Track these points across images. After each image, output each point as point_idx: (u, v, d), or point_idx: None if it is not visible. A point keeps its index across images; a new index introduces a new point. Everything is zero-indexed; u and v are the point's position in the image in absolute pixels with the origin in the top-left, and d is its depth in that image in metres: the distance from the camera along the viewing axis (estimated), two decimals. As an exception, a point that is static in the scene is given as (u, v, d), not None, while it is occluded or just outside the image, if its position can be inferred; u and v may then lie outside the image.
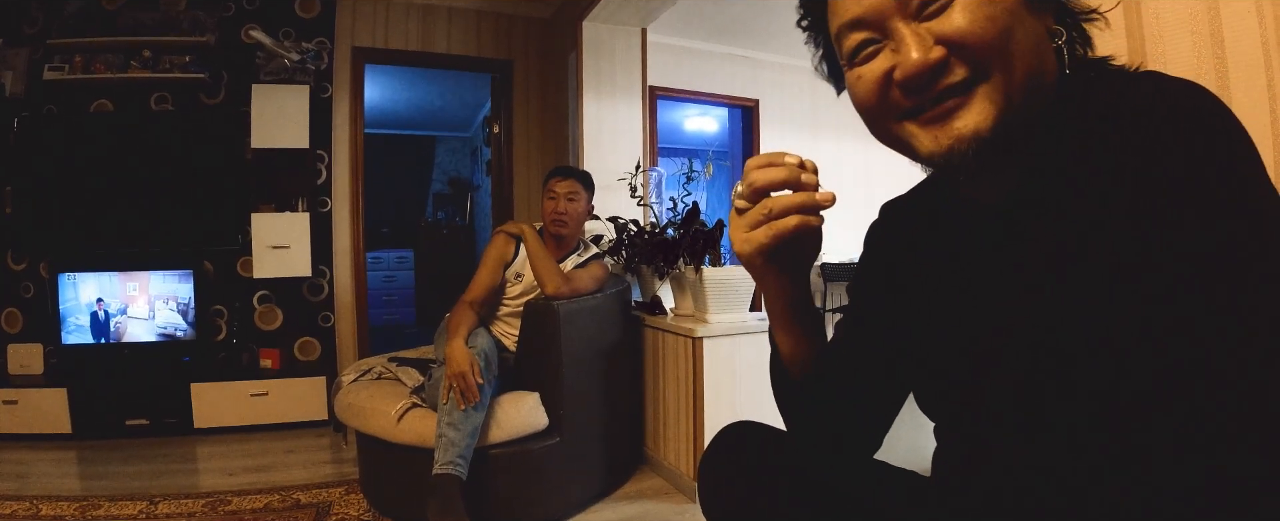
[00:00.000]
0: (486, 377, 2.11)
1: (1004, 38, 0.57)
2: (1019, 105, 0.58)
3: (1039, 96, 0.59)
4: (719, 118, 6.35)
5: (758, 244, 0.67)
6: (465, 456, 2.02)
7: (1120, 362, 0.53)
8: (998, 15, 0.57)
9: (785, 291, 0.77)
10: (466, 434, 2.04)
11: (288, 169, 3.69)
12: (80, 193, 3.50)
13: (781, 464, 0.85)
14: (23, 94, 3.47)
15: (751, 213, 0.67)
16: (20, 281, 3.53)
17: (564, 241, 2.60)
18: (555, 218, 2.54)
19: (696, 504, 2.36)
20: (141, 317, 3.55)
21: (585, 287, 2.48)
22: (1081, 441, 0.58)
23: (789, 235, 0.65)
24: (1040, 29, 0.61)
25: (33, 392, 3.27)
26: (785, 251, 0.68)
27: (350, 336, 3.94)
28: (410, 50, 4.10)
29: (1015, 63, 0.57)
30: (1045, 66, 0.60)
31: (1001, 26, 0.57)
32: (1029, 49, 0.58)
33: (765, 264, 0.70)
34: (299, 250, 3.62)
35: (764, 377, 2.48)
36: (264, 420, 3.45)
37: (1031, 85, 0.58)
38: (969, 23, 0.57)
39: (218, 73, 3.68)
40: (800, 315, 0.80)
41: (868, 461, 0.87)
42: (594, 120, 3.45)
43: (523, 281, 2.53)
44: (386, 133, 7.10)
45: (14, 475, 2.82)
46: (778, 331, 0.83)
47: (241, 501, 2.46)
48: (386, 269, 6.82)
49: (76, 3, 3.53)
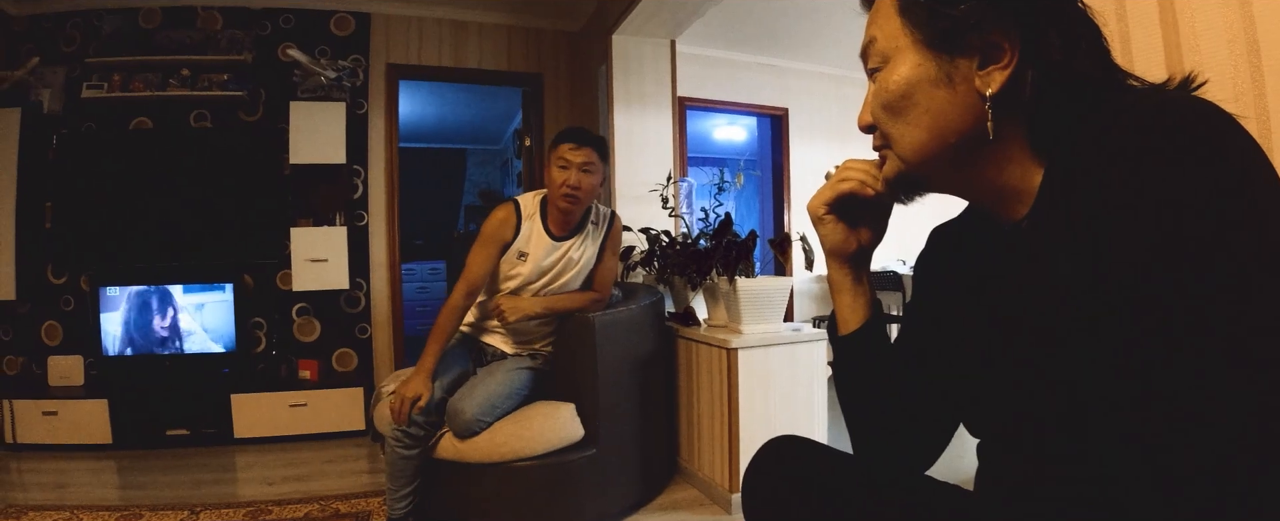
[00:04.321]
0: (418, 422, 2.10)
1: (897, 120, 0.71)
2: (920, 163, 0.71)
3: (960, 147, 0.68)
4: (747, 127, 6.35)
5: (823, 198, 0.86)
6: (401, 500, 2.12)
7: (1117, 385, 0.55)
8: (892, 102, 0.70)
9: (839, 237, 0.88)
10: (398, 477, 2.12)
11: (325, 184, 3.78)
12: (121, 208, 3.59)
13: (827, 477, 0.87)
14: (61, 111, 3.58)
15: (832, 177, 0.86)
16: (61, 295, 3.64)
17: (570, 216, 2.29)
18: (567, 191, 2.20)
19: (731, 515, 2.36)
20: (182, 330, 3.62)
21: (613, 277, 2.46)
22: (1113, 461, 0.59)
23: (843, 193, 0.83)
24: (956, 95, 0.67)
25: (73, 404, 3.35)
26: (845, 210, 0.86)
27: (387, 347, 4.00)
28: (443, 66, 4.17)
29: (913, 134, 0.70)
30: (962, 125, 0.67)
31: (895, 111, 0.70)
32: (931, 119, 0.68)
33: (826, 212, 0.86)
34: (336, 263, 3.69)
35: (797, 388, 2.48)
36: (303, 430, 3.51)
37: (936, 146, 0.69)
38: (871, 111, 0.74)
39: (256, 90, 3.77)
40: (856, 266, 0.90)
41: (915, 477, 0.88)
42: (624, 132, 3.47)
43: (526, 263, 2.28)
44: (419, 146, 7.22)
45: (54, 484, 2.88)
46: (833, 292, 0.92)
47: (282, 511, 2.49)
48: (420, 280, 6.92)
49: (113, 23, 3.64)
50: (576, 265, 2.36)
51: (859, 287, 0.90)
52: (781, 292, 2.48)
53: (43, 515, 2.46)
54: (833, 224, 0.87)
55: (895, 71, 0.69)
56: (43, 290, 3.62)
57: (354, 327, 3.92)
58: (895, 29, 0.69)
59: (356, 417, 3.58)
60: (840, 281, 0.90)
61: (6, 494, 2.74)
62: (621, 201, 3.41)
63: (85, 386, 3.54)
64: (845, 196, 0.84)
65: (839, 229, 0.87)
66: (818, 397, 2.54)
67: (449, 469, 2.17)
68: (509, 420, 2.16)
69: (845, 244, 0.87)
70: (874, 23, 0.73)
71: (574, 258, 2.35)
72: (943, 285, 0.84)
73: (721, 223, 2.61)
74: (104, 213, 3.59)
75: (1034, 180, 0.66)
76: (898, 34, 0.69)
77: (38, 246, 3.57)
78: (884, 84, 0.70)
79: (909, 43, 0.68)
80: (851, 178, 0.83)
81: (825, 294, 5.20)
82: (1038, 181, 0.66)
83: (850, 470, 0.88)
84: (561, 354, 2.36)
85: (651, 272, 3.04)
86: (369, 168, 3.95)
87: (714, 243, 2.58)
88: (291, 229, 3.67)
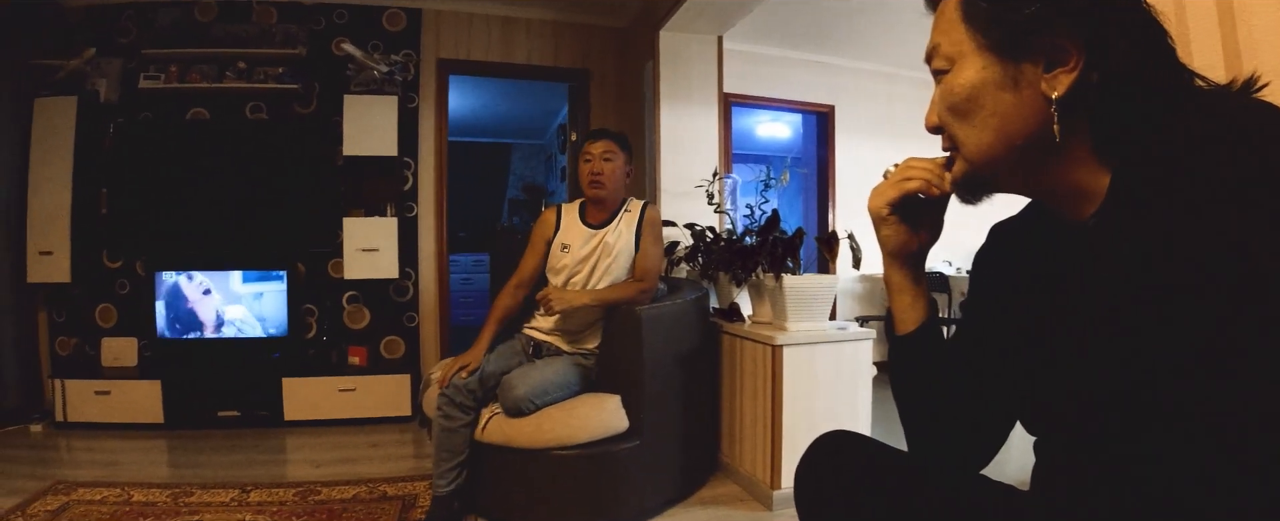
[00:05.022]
0: (463, 391, 2.21)
1: (963, 123, 0.71)
2: (986, 165, 0.71)
3: (1026, 150, 0.68)
4: (791, 124, 6.30)
5: (886, 198, 0.84)
6: (446, 475, 2.19)
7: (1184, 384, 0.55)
8: (958, 105, 0.70)
9: (900, 238, 0.87)
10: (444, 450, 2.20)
11: (377, 175, 3.87)
12: (177, 195, 3.71)
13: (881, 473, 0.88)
14: (117, 101, 3.70)
15: (893, 176, 0.85)
16: (116, 279, 3.77)
17: (604, 204, 2.52)
18: (592, 179, 2.47)
19: (772, 512, 2.36)
20: (235, 315, 3.74)
21: (656, 265, 2.51)
22: (1171, 460, 0.59)
23: (909, 192, 0.82)
24: (1022, 99, 0.67)
25: (126, 384, 3.47)
26: (907, 209, 0.85)
27: (433, 336, 4.09)
28: (491, 61, 4.24)
29: (980, 137, 0.70)
30: (1028, 128, 0.67)
31: (961, 114, 0.71)
32: (999, 121, 0.68)
33: (890, 213, 0.85)
34: (387, 253, 3.78)
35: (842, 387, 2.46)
36: (351, 415, 3.60)
37: (1002, 148, 0.69)
38: (938, 113, 0.74)
39: (310, 83, 3.87)
40: (914, 267, 0.90)
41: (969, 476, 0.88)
42: (671, 128, 3.48)
43: (569, 253, 2.48)
44: (465, 140, 7.32)
45: (105, 462, 2.98)
46: (891, 293, 0.91)
47: (330, 491, 2.56)
48: (464, 272, 7.02)
49: (169, 15, 3.75)
50: (613, 252, 2.46)
51: (918, 288, 0.89)
52: (827, 290, 2.47)
53: (94, 491, 2.53)
54: (895, 224, 0.86)
55: (961, 75, 0.70)
56: (97, 274, 3.75)
57: (402, 316, 4.01)
58: (960, 35, 0.70)
59: (403, 404, 3.66)
60: (899, 282, 0.89)
61: (58, 471, 2.83)
62: (666, 197, 3.43)
63: (138, 367, 3.67)
64: (909, 196, 0.83)
65: (901, 229, 0.86)
66: (862, 397, 2.53)
67: (495, 454, 2.22)
68: (556, 408, 2.21)
69: (907, 244, 0.87)
70: (938, 28, 0.73)
71: (610, 243, 2.46)
72: (1003, 282, 0.83)
73: (768, 219, 2.61)
74: (160, 200, 3.69)
75: (1100, 180, 0.66)
76: (962, 39, 0.70)
77: (93, 232, 3.68)
78: (950, 87, 0.71)
79: (973, 47, 0.69)
80: (916, 176, 0.82)
81: (868, 293, 5.15)
82: (1104, 181, 0.66)
83: (904, 466, 0.88)
84: (608, 346, 2.38)
85: (695, 268, 3.05)
86: (419, 160, 4.04)
87: (760, 239, 2.58)
88: (344, 219, 3.77)
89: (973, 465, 0.89)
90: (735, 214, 3.01)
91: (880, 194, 0.85)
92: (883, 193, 0.85)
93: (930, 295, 0.91)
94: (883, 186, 0.85)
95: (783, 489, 2.38)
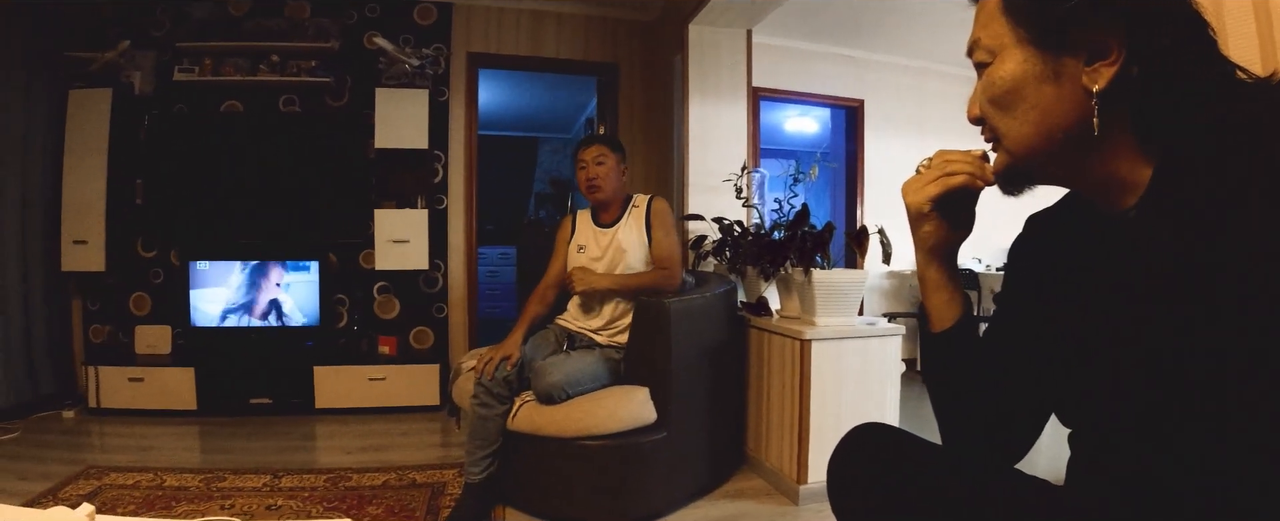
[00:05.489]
0: (501, 381, 2.26)
1: (1004, 115, 0.71)
2: (1027, 157, 0.72)
3: (1067, 142, 0.69)
4: (819, 118, 6.26)
5: (928, 194, 0.82)
6: (478, 463, 2.21)
7: (1226, 375, 0.55)
8: (999, 97, 0.71)
9: (941, 234, 0.86)
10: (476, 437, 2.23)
11: (408, 168, 3.91)
12: (211, 186, 3.77)
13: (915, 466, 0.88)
14: (152, 93, 3.77)
15: (931, 170, 0.82)
16: (150, 268, 3.85)
17: (608, 206, 2.62)
18: (589, 184, 2.56)
19: (798, 506, 2.36)
20: (268, 304, 3.80)
21: (674, 253, 2.54)
22: (1212, 453, 0.59)
23: (955, 188, 0.80)
24: (1063, 92, 0.67)
25: (160, 371, 3.54)
26: (947, 205, 0.83)
27: (462, 327, 4.14)
28: (521, 55, 4.26)
29: (1021, 129, 0.70)
30: (1068, 120, 0.67)
31: (1003, 106, 0.71)
32: (1039, 114, 0.69)
33: (931, 210, 0.83)
34: (417, 244, 3.82)
35: (871, 383, 2.45)
36: (380, 403, 3.66)
37: (1043, 140, 0.69)
38: (979, 105, 0.74)
39: (342, 77, 3.93)
40: (950, 264, 0.89)
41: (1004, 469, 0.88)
42: (699, 122, 3.48)
43: (585, 254, 2.58)
44: (493, 134, 7.37)
45: (138, 447, 3.03)
46: (928, 290, 0.89)
47: (361, 478, 2.61)
48: (490, 264, 7.08)
49: (203, 9, 3.80)
50: (627, 250, 2.53)
51: (953, 284, 0.89)
52: (857, 286, 2.46)
53: (126, 476, 2.58)
54: (936, 220, 0.84)
55: (1002, 68, 0.70)
56: (132, 263, 3.83)
57: (431, 307, 4.06)
58: (1000, 28, 0.70)
59: (432, 393, 3.71)
60: (936, 279, 0.88)
61: (90, 456, 2.88)
62: (694, 191, 3.43)
63: (172, 355, 3.75)
64: (954, 191, 0.81)
65: (942, 225, 0.85)
66: (891, 394, 2.51)
67: (523, 443, 2.24)
68: (585, 398, 2.23)
69: (946, 240, 0.86)
70: (979, 22, 0.73)
71: (622, 241, 2.55)
72: (1040, 272, 0.83)
73: (798, 213, 2.60)
74: (195, 191, 3.76)
75: (1140, 171, 0.67)
76: (1003, 32, 0.70)
77: (127, 221, 3.75)
78: (991, 80, 0.71)
79: (1014, 40, 0.69)
80: (960, 170, 0.80)
81: (896, 290, 5.10)
82: (1145, 173, 0.66)
83: (938, 459, 0.88)
84: (636, 339, 2.39)
85: (723, 262, 3.05)
86: (449, 153, 4.08)
87: (789, 233, 2.57)
88: (375, 210, 3.81)
89: (1008, 459, 0.89)
90: (763, 208, 3.00)
91: (921, 190, 0.83)
92: (924, 188, 0.82)
93: (965, 291, 0.91)
94: (921, 182, 0.83)
95: (809, 483, 2.38)
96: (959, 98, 0.73)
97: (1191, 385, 0.59)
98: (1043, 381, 0.82)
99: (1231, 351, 0.55)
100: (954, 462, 0.87)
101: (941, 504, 0.82)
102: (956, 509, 0.82)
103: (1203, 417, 0.59)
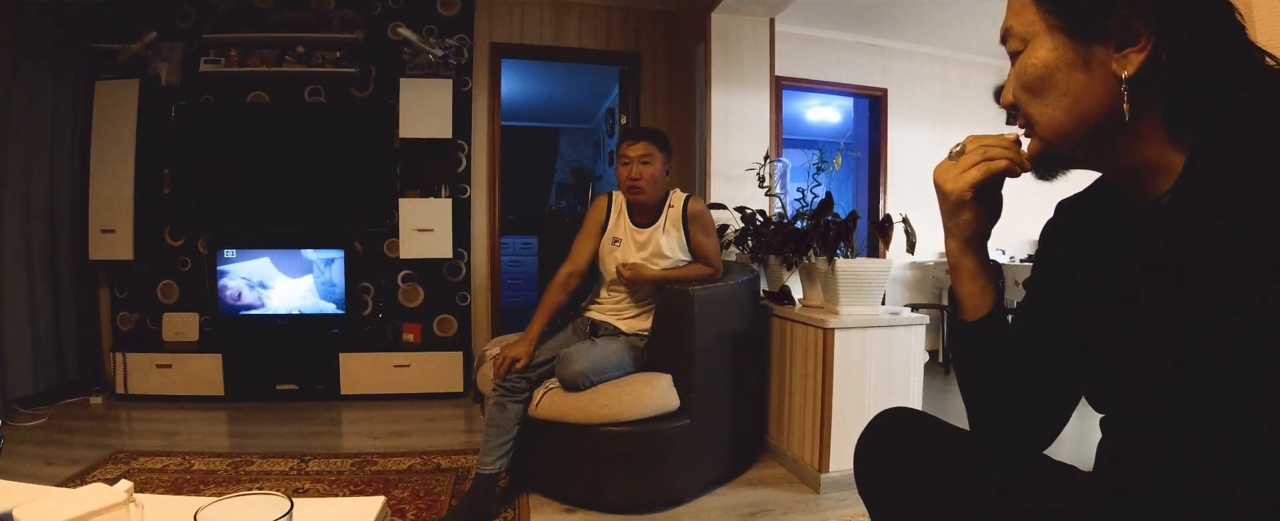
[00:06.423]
0: (517, 376, 2.26)
1: (1037, 101, 0.71)
2: (1059, 142, 0.72)
3: (1098, 127, 0.69)
4: (842, 108, 6.21)
5: (970, 180, 0.80)
6: (492, 453, 2.20)
7: (1262, 361, 0.55)
8: (1031, 84, 0.71)
9: (979, 222, 0.85)
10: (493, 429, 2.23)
11: (432, 158, 3.95)
12: (238, 176, 3.81)
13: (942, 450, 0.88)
14: (179, 84, 3.82)
15: (968, 156, 0.81)
16: (178, 256, 3.92)
17: (645, 207, 2.51)
18: (630, 184, 2.44)
19: (820, 494, 2.37)
20: (294, 292, 3.86)
21: (717, 252, 2.54)
22: (1244, 440, 0.59)
23: (996, 173, 0.79)
24: (1093, 78, 0.67)
25: (188, 358, 3.61)
26: (985, 191, 0.82)
27: (484, 315, 4.18)
28: (544, 45, 4.27)
29: (1052, 115, 0.71)
30: (1100, 106, 0.68)
31: (1035, 92, 0.71)
32: (1071, 100, 0.69)
33: (971, 198, 0.82)
34: (441, 233, 3.86)
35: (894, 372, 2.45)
36: (405, 390, 3.71)
37: (1075, 126, 0.70)
38: (1012, 91, 0.74)
39: (366, 67, 3.96)
40: (983, 252, 0.88)
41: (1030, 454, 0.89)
42: (721, 111, 3.47)
43: (619, 248, 2.50)
44: (514, 125, 7.41)
45: (165, 432, 3.07)
46: (961, 279, 0.89)
47: (386, 462, 2.65)
48: (512, 254, 7.13)
49: (228, 1, 3.85)
50: (665, 253, 2.49)
51: (987, 273, 0.88)
52: (880, 275, 2.45)
53: (154, 460, 2.62)
54: (974, 208, 0.83)
55: (1033, 55, 0.70)
56: (160, 252, 3.89)
57: (455, 295, 4.10)
58: (1031, 16, 0.71)
59: (455, 380, 3.76)
60: (969, 267, 0.87)
61: (118, 441, 2.93)
62: (716, 180, 3.43)
63: (200, 341, 3.81)
64: (994, 177, 0.80)
65: (979, 214, 0.83)
66: (914, 383, 2.50)
67: (547, 430, 2.26)
68: (609, 384, 2.24)
69: (981, 228, 0.85)
70: (1011, 10, 0.74)
71: (661, 245, 2.48)
72: (1071, 256, 0.83)
73: (822, 202, 2.59)
74: (221, 180, 3.81)
75: (1172, 157, 0.67)
76: (1034, 20, 0.71)
77: (155, 211, 3.81)
78: (1023, 66, 0.72)
79: (1044, 28, 0.70)
80: (1000, 156, 0.79)
81: (918, 281, 5.07)
82: (1177, 159, 0.67)
83: (965, 444, 0.89)
84: (659, 326, 2.40)
85: (745, 251, 3.05)
86: (472, 143, 4.11)
87: (813, 222, 2.57)
88: (400, 200, 3.85)
89: (1037, 445, 0.89)
90: (786, 198, 2.99)
91: (960, 176, 0.81)
92: (965, 174, 0.81)
93: (995, 280, 0.90)
94: (960, 168, 0.81)
95: (831, 472, 2.39)
96: (984, 87, 0.72)
97: (1227, 371, 0.59)
98: (1073, 366, 0.82)
99: (1267, 337, 0.55)
100: (982, 448, 0.88)
101: (970, 487, 0.83)
102: (985, 493, 0.82)
103: (1237, 403, 0.59)
